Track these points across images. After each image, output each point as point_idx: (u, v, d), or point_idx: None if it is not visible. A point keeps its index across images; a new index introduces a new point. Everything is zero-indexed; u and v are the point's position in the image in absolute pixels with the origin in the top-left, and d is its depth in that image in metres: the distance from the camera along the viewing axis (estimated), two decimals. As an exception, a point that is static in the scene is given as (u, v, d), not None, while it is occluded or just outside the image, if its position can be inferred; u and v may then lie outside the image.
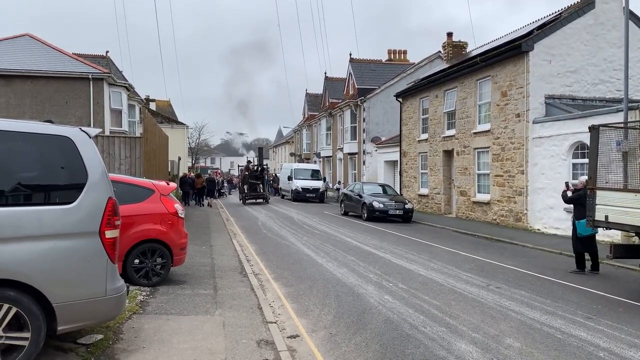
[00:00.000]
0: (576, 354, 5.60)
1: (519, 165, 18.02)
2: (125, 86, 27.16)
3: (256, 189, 30.92)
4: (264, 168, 32.62)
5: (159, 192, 8.37)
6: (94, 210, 4.78)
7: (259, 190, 31.11)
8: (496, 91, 19.41)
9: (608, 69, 18.30)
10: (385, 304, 7.60)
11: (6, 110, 22.06)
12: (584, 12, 18.08)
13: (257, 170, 31.44)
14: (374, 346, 5.80)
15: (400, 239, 15.27)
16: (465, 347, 5.76)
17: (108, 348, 5.31)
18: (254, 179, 30.86)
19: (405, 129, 28.00)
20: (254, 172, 31.24)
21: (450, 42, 28.84)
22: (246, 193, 30.63)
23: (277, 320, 6.75)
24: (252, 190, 30.74)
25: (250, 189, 30.65)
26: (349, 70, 39.12)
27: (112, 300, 4.92)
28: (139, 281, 7.96)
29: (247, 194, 30.60)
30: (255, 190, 30.89)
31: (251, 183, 30.67)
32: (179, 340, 5.68)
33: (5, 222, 4.37)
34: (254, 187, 30.75)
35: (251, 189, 30.68)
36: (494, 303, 7.76)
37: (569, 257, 11.92)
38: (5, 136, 4.55)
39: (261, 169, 31.73)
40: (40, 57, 24.75)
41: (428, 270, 10.38)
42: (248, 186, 30.62)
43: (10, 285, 4.37)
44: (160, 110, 46.53)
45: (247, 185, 30.67)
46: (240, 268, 10.08)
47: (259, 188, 31.12)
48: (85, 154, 4.84)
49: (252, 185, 30.71)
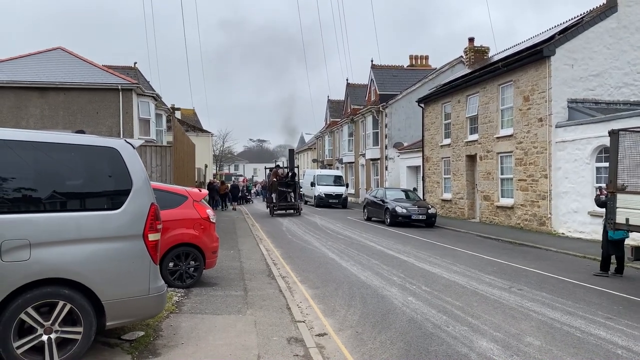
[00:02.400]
0: (594, 351, 5.80)
1: (542, 169, 18.05)
2: (153, 96, 27.97)
3: (286, 197, 27.09)
4: (295, 173, 28.18)
5: (192, 199, 8.82)
6: (138, 215, 5.20)
7: (290, 200, 27.22)
8: (518, 96, 19.48)
9: (632, 72, 18.23)
10: (409, 305, 7.87)
11: (41, 122, 23.00)
12: (606, 16, 18.07)
13: (288, 176, 27.68)
14: (399, 344, 6.09)
15: (423, 244, 15.47)
16: (486, 345, 6.01)
17: (150, 344, 5.71)
18: (284, 187, 27.11)
19: (427, 134, 28.14)
20: (284, 178, 27.56)
21: (472, 47, 28.94)
22: (274, 203, 26.92)
23: (305, 319, 7.08)
24: (282, 200, 26.98)
25: (280, 197, 26.96)
26: (371, 76, 39.44)
27: (155, 298, 5.33)
28: (173, 283, 8.39)
29: (275, 203, 26.87)
30: (286, 199, 27.09)
31: (280, 191, 26.96)
32: (215, 337, 6.05)
33: (62, 226, 4.81)
34: (284, 196, 26.98)
35: (281, 197, 26.96)
36: (515, 304, 7.96)
37: (593, 261, 11.98)
38: (60, 148, 5.02)
39: (292, 174, 27.66)
40: (71, 69, 25.70)
41: (451, 273, 10.59)
42: (277, 194, 26.99)
43: (65, 284, 4.80)
44: (185, 118, 47.52)
45: (276, 194, 27.05)
46: (267, 271, 10.46)
47: (290, 197, 27.24)
48: (130, 163, 5.27)
49: (281, 194, 26.95)
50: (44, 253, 4.69)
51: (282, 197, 26.95)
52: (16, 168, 4.78)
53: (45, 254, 4.70)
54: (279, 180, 27.16)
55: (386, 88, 37.06)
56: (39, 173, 4.89)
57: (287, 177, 27.61)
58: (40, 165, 4.91)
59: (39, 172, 4.90)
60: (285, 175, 27.76)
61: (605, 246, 10.56)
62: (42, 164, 4.92)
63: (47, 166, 4.94)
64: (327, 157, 52.21)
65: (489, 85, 21.67)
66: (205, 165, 37.00)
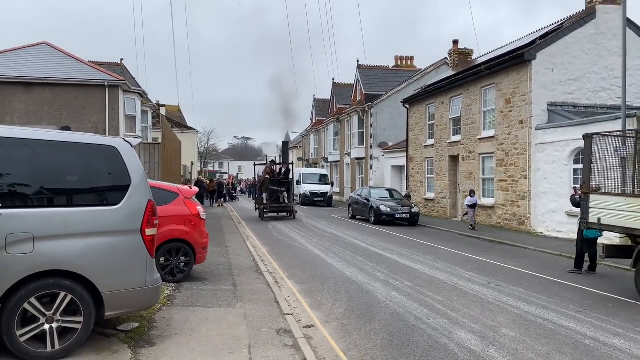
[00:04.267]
0: (564, 342, 6.22)
1: (522, 170, 18.59)
2: (139, 93, 27.96)
3: (279, 198, 23.38)
4: (290, 169, 24.54)
5: (183, 196, 9.07)
6: (136, 210, 5.46)
7: (283, 201, 23.45)
8: (500, 98, 20.00)
9: (609, 77, 18.84)
10: (392, 299, 8.22)
11: (26, 117, 22.91)
12: (585, 22, 18.65)
13: (281, 172, 24.11)
14: (382, 335, 6.43)
15: (406, 241, 15.87)
16: (464, 336, 6.38)
17: (145, 334, 5.97)
18: (277, 185, 23.39)
19: (412, 134, 28.61)
20: (277, 175, 23.99)
21: (456, 49, 29.46)
22: (265, 204, 23.16)
23: (293, 312, 7.38)
24: (274, 201, 23.16)
25: (272, 198, 23.19)
26: (357, 76, 39.83)
27: (151, 290, 5.59)
28: (165, 277, 8.59)
29: (266, 205, 23.13)
30: (278, 200, 23.33)
31: (272, 190, 23.21)
32: (207, 328, 6.33)
33: (63, 221, 5.05)
34: (276, 197, 23.30)
35: (272, 198, 23.20)
36: (493, 299, 8.36)
37: (568, 259, 12.48)
38: (63, 146, 5.26)
39: (286, 170, 24.06)
40: (57, 65, 25.58)
41: (432, 269, 10.99)
42: (269, 194, 23.22)
43: (66, 276, 5.04)
44: (170, 115, 47.47)
45: (268, 193, 23.28)
46: (255, 267, 10.74)
47: (283, 198, 23.55)
48: (129, 161, 5.52)
49: (273, 194, 23.23)
50: (46, 246, 4.93)
51: (274, 197, 23.27)
52: (22, 165, 5.01)
53: (47, 247, 4.93)
54: (271, 177, 23.54)
55: (372, 88, 37.49)
56: (42, 170, 5.12)
57: (281, 174, 24.01)
58: (45, 163, 5.13)
59: (43, 169, 5.12)
60: (278, 172, 24.20)
61: (580, 245, 11.04)
62: (46, 161, 5.14)
63: (50, 163, 5.17)
64: (312, 156, 52.54)
65: (472, 87, 22.18)
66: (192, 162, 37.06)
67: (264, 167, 24.62)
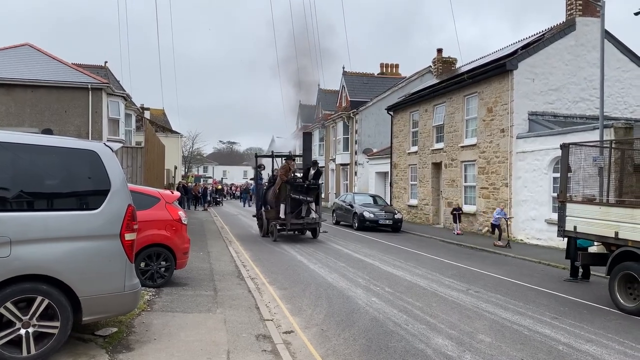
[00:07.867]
0: (538, 347, 6.34)
1: (504, 178, 18.85)
2: (123, 96, 27.78)
3: (301, 211, 16.94)
4: (321, 171, 18.75)
5: (164, 200, 9.05)
6: (115, 215, 5.45)
7: (308, 214, 17.08)
8: (482, 107, 20.29)
9: (588, 87, 19.23)
10: (372, 305, 8.29)
11: (6, 119, 22.59)
12: (566, 34, 19.04)
13: (309, 175, 17.21)
14: (361, 340, 6.49)
15: (388, 248, 15.98)
16: (441, 342, 6.47)
17: (123, 339, 5.94)
18: (301, 192, 16.86)
19: (395, 141, 28.83)
20: (301, 178, 17.40)
21: (440, 57, 29.83)
22: (282, 219, 16.87)
23: (273, 318, 7.40)
24: (297, 215, 16.84)
25: (294, 210, 16.74)
26: (342, 83, 40.04)
27: (130, 295, 5.57)
28: (145, 282, 8.57)
29: (284, 220, 16.77)
30: (300, 213, 16.93)
31: (295, 200, 16.71)
32: (186, 333, 6.32)
33: (41, 225, 5.03)
34: (299, 209, 16.89)
35: (295, 210, 16.78)
36: (471, 305, 8.48)
37: (547, 266, 12.70)
38: (42, 150, 5.24)
39: (316, 172, 17.28)
40: (40, 66, 25.31)
41: (413, 276, 11.09)
42: (289, 205, 16.62)
43: (43, 280, 5.01)
44: (154, 118, 47.15)
45: (287, 204, 16.66)
46: (237, 272, 10.73)
47: (306, 210, 17.06)
48: (109, 166, 5.51)
49: (296, 204, 16.80)
50: (23, 250, 4.89)
51: (297, 209, 16.88)
52: (1, 168, 4.98)
53: (24, 251, 4.90)
54: (292, 182, 17.02)
55: (357, 95, 37.70)
56: (20, 174, 5.09)
57: (308, 177, 17.18)
58: (23, 166, 5.11)
59: (21, 173, 5.10)
60: (304, 175, 17.45)
61: (573, 254, 11.14)
62: (25, 165, 5.12)
63: (29, 167, 5.15)
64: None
65: (455, 96, 22.46)
66: (175, 166, 36.84)
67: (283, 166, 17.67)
